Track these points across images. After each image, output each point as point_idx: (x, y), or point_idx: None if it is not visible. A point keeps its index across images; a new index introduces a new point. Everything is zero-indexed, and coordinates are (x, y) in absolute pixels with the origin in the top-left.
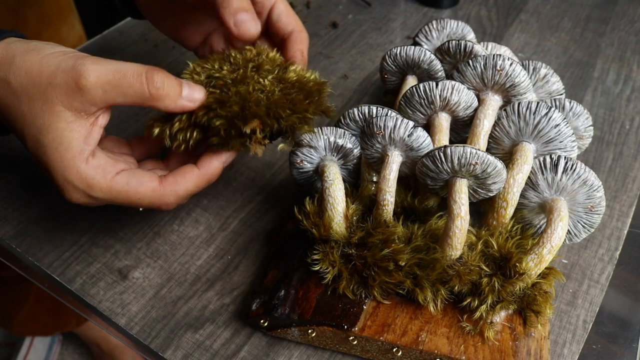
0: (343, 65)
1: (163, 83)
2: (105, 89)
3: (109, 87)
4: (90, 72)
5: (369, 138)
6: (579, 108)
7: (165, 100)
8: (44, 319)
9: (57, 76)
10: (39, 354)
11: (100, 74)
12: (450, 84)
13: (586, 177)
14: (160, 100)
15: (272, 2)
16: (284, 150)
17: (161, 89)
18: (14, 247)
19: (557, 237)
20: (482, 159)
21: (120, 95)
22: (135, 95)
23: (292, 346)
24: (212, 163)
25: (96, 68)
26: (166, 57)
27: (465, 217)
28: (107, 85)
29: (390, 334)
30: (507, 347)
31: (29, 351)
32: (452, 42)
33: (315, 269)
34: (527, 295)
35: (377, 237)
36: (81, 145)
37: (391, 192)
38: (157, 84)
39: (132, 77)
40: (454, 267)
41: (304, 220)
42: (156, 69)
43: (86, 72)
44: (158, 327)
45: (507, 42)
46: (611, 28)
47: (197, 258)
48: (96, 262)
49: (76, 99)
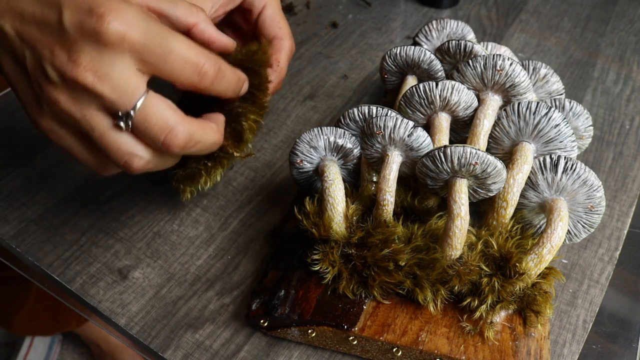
0: (343, 65)
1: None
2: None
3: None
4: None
5: (369, 138)
6: (579, 108)
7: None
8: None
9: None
10: (39, 354)
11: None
12: (450, 84)
13: (586, 177)
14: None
15: (261, 8)
16: (283, 150)
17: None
18: (14, 247)
19: (557, 237)
20: (482, 159)
21: (170, 2)
22: (184, 8)
23: (292, 346)
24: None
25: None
26: None
27: (465, 217)
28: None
29: (390, 334)
30: (507, 347)
31: (29, 351)
32: (452, 42)
33: (315, 269)
34: (527, 295)
35: (377, 237)
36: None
37: (391, 192)
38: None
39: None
40: (454, 267)
41: (304, 220)
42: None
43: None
44: (158, 327)
45: (507, 42)
46: (611, 28)
47: (197, 258)
48: (96, 262)
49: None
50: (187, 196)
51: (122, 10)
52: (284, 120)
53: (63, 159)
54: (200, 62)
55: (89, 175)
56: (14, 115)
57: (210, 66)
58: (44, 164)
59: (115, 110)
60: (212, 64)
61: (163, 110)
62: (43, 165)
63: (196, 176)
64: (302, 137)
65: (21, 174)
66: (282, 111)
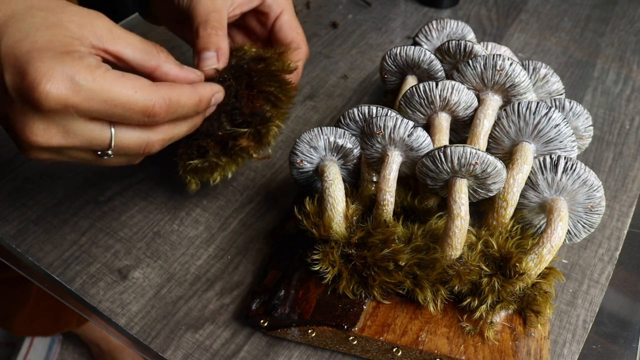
0: (343, 65)
1: (169, 54)
2: (119, 35)
3: (122, 35)
4: (109, 20)
5: (369, 138)
6: (579, 108)
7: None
8: (44, 319)
9: (74, 7)
10: (39, 354)
11: (117, 25)
12: (450, 84)
13: (586, 177)
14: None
15: (278, 13)
16: (283, 150)
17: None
18: (14, 247)
19: (557, 237)
20: (482, 159)
21: (130, 46)
22: (144, 50)
23: (292, 346)
24: (204, 85)
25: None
26: None
27: (465, 217)
28: (121, 34)
29: (390, 334)
30: (507, 347)
31: (29, 351)
32: (452, 42)
33: (315, 269)
34: (527, 295)
35: (377, 237)
36: (82, 51)
37: (391, 192)
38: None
39: (144, 40)
40: (454, 267)
41: (304, 220)
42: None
43: (107, 19)
44: (158, 327)
45: (507, 42)
46: (611, 28)
47: (197, 258)
48: (96, 262)
49: (88, 29)
50: (192, 187)
51: (54, 73)
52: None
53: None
54: (147, 106)
55: (89, 175)
56: None
57: (160, 105)
58: (44, 163)
59: (93, 151)
60: (160, 103)
61: (132, 134)
62: (43, 165)
63: (211, 169)
64: (302, 137)
65: (21, 174)
66: None
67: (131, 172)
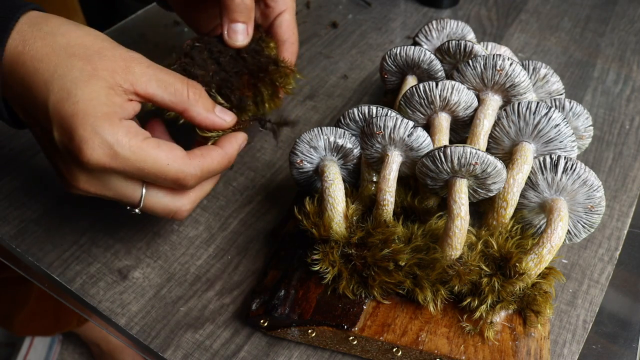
0: (343, 65)
1: (201, 92)
2: (150, 78)
3: (154, 78)
4: (144, 61)
5: (369, 138)
6: (579, 108)
7: (199, 106)
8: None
9: (109, 51)
10: (39, 354)
11: (151, 66)
12: (450, 84)
13: (586, 177)
14: (195, 106)
15: (281, 10)
16: (283, 150)
17: (198, 96)
18: (14, 247)
19: (557, 237)
20: (482, 159)
21: (161, 88)
22: (174, 93)
23: (292, 346)
24: (231, 142)
25: (150, 63)
26: (166, 57)
27: (465, 217)
28: (153, 76)
29: (390, 334)
30: (507, 347)
31: (29, 351)
32: (452, 42)
33: (315, 269)
34: (527, 295)
35: (377, 237)
36: (117, 107)
37: (391, 192)
38: (196, 89)
39: (176, 78)
40: (454, 267)
41: (304, 220)
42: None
43: (141, 59)
44: (158, 327)
45: (507, 42)
46: (611, 28)
47: (197, 258)
48: (96, 262)
49: (120, 75)
50: None
51: (95, 141)
52: None
53: None
54: (179, 177)
55: None
56: None
57: (191, 176)
58: (44, 163)
59: (125, 205)
60: (192, 174)
61: (162, 198)
62: (43, 165)
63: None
64: (302, 137)
65: (21, 174)
66: (282, 111)
67: None
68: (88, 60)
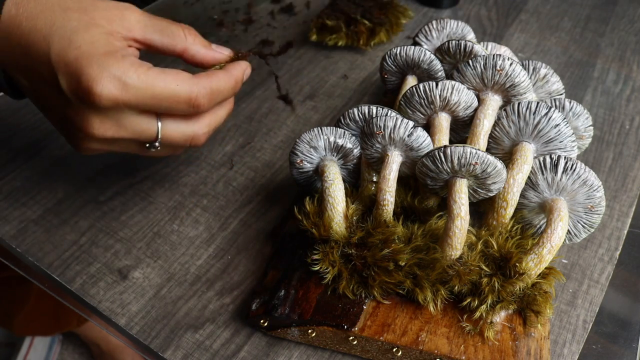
0: (343, 65)
1: (195, 33)
2: (146, 24)
3: (150, 23)
4: (137, 9)
5: (369, 138)
6: (579, 108)
7: (198, 44)
8: (45, 319)
9: (102, 2)
10: (39, 354)
11: (144, 13)
12: (450, 84)
13: (586, 177)
14: (194, 44)
15: None
16: (283, 150)
17: (194, 36)
18: (14, 247)
19: (557, 237)
20: (482, 159)
21: (157, 32)
22: (171, 36)
23: (292, 346)
24: (235, 66)
25: (142, 11)
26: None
27: (465, 217)
28: (148, 22)
29: (390, 334)
30: (507, 347)
31: (28, 351)
32: (452, 42)
33: (315, 269)
34: (527, 295)
35: (377, 237)
36: (118, 48)
37: (391, 192)
38: (191, 30)
39: (170, 21)
40: (454, 267)
41: (304, 220)
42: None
43: (134, 8)
44: (158, 327)
45: (507, 42)
46: (611, 28)
47: (197, 258)
48: (96, 262)
49: (117, 23)
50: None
51: (103, 76)
52: (284, 120)
53: (63, 159)
54: (191, 97)
55: (89, 175)
56: (14, 115)
57: (202, 95)
58: (44, 163)
59: (142, 143)
60: (202, 93)
61: (178, 126)
62: (43, 165)
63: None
64: (302, 137)
65: (21, 174)
66: (282, 111)
67: (131, 172)
68: (84, 11)
